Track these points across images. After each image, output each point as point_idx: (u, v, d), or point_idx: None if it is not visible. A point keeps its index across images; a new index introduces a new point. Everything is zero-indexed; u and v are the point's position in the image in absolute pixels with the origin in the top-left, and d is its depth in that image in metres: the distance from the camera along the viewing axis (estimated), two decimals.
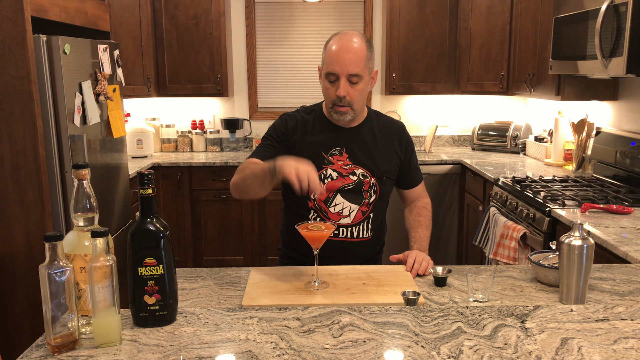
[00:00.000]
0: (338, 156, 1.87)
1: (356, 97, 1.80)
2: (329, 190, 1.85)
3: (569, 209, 2.52)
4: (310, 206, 1.87)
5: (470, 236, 3.75)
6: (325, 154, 1.87)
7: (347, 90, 1.77)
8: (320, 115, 1.93)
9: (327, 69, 1.78)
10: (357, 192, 1.87)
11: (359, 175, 1.87)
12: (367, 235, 1.91)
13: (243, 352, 1.08)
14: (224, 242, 4.30)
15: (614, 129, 3.23)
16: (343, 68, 1.74)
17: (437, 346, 1.09)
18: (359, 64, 1.75)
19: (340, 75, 1.75)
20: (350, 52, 1.74)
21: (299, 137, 1.89)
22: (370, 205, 1.89)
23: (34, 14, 2.40)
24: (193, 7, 4.28)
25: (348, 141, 1.89)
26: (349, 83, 1.77)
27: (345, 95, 1.77)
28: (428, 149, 4.52)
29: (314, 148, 1.87)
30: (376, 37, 4.66)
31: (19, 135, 2.40)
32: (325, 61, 1.80)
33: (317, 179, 1.56)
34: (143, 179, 1.19)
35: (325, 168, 1.86)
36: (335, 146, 1.88)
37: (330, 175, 1.86)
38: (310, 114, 1.94)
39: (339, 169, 1.86)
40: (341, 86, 1.76)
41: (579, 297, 1.42)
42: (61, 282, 1.08)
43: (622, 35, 2.47)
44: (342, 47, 1.75)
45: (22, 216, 2.45)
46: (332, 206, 1.86)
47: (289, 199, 1.96)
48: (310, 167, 1.57)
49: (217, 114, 4.75)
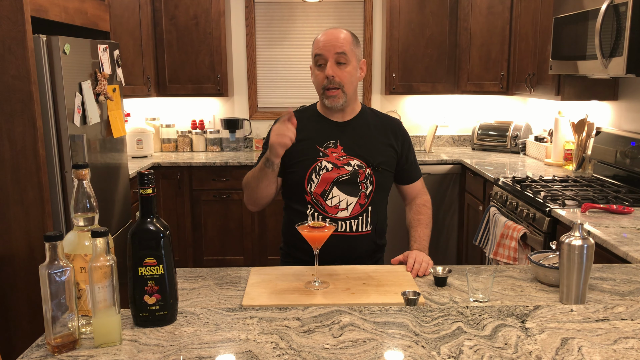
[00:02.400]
0: (333, 148, 1.91)
1: (345, 79, 1.85)
2: (325, 182, 1.87)
3: (569, 209, 2.52)
4: (308, 200, 1.89)
5: (470, 236, 3.75)
6: (320, 147, 1.91)
7: (335, 71, 1.84)
8: (314, 112, 1.99)
9: (315, 52, 1.87)
10: (352, 183, 1.89)
11: (354, 166, 1.89)
12: (367, 229, 1.92)
13: (243, 352, 1.08)
14: (224, 242, 4.30)
15: (614, 129, 3.23)
16: (329, 49, 1.84)
17: (437, 346, 1.09)
18: (345, 44, 1.84)
19: (328, 56, 1.84)
20: (336, 35, 1.86)
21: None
22: (367, 198, 1.90)
23: (34, 14, 2.40)
24: (193, 7, 4.28)
25: (342, 134, 1.93)
26: (336, 64, 1.84)
27: (334, 76, 1.83)
28: (428, 149, 4.52)
29: (309, 142, 1.91)
30: (376, 37, 4.66)
31: (19, 135, 2.40)
32: (313, 49, 1.89)
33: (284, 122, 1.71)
34: (143, 179, 1.19)
35: (320, 160, 1.89)
36: (330, 139, 1.92)
37: (325, 166, 1.89)
38: (304, 112, 2.00)
39: (334, 161, 1.89)
40: (329, 66, 1.83)
41: (579, 297, 1.42)
42: (61, 282, 1.08)
43: (622, 35, 2.47)
44: (328, 33, 1.87)
45: (22, 216, 2.45)
46: (329, 199, 1.88)
47: (287, 196, 1.99)
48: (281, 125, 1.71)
49: (217, 114, 4.74)
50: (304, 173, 1.89)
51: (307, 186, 1.89)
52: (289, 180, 1.94)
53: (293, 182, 1.92)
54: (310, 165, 1.89)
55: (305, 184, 1.89)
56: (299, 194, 1.90)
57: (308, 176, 1.88)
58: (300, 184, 1.89)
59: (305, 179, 1.89)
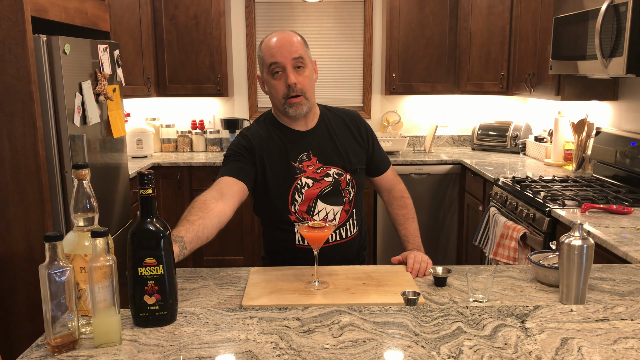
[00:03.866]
0: (307, 162, 1.82)
1: (307, 85, 1.77)
2: (308, 199, 1.81)
3: (569, 209, 2.52)
4: (293, 220, 1.82)
5: (470, 236, 3.75)
6: (295, 163, 1.81)
7: (296, 78, 1.74)
8: (275, 124, 1.87)
9: (270, 60, 1.75)
10: (335, 192, 1.84)
11: (333, 175, 1.84)
12: (354, 232, 1.90)
13: (243, 352, 1.08)
14: (223, 242, 4.29)
15: (614, 129, 3.23)
16: (286, 55, 1.73)
17: (437, 346, 1.09)
18: (299, 47, 1.76)
19: (286, 63, 1.74)
20: (288, 39, 1.76)
21: (264, 154, 1.82)
22: (351, 202, 1.88)
23: (34, 14, 2.40)
24: (193, 7, 4.28)
25: (311, 143, 1.84)
26: (295, 70, 1.75)
27: (296, 83, 1.74)
28: (428, 149, 4.52)
29: (281, 160, 1.81)
30: (376, 37, 4.66)
31: (19, 135, 2.40)
32: (266, 58, 1.77)
33: None
34: (143, 179, 1.19)
35: (299, 177, 1.81)
36: (302, 152, 1.83)
37: (305, 184, 1.81)
38: (264, 127, 1.87)
39: (312, 175, 1.82)
40: (289, 74, 1.74)
41: (579, 297, 1.42)
42: (61, 282, 1.08)
43: (622, 35, 2.47)
44: (280, 38, 1.76)
45: (22, 216, 2.45)
46: (316, 214, 1.83)
47: (266, 216, 1.91)
48: None
49: (217, 114, 4.74)
50: (286, 196, 1.81)
51: (291, 206, 1.82)
52: (268, 204, 1.85)
53: (274, 204, 1.83)
54: (291, 186, 1.80)
55: (289, 205, 1.81)
56: (281, 215, 1.83)
57: (291, 197, 1.81)
58: (283, 206, 1.81)
59: (288, 201, 1.81)
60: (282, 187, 1.81)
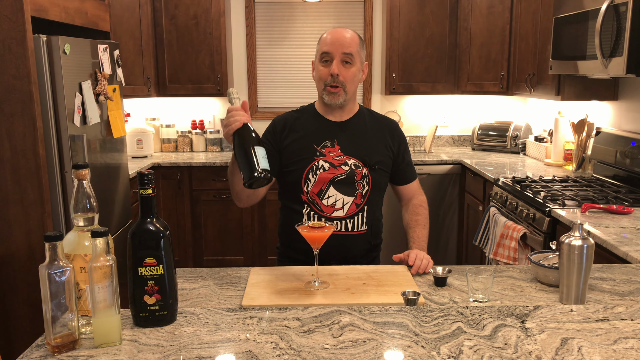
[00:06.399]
0: (330, 148, 1.91)
1: (349, 79, 1.87)
2: (321, 182, 1.87)
3: (569, 209, 2.52)
4: (304, 200, 1.89)
5: (470, 236, 3.75)
6: (317, 146, 1.91)
7: (340, 70, 1.85)
8: (311, 112, 1.99)
9: (322, 49, 1.87)
10: (349, 182, 1.89)
11: (350, 166, 1.90)
12: (363, 228, 1.92)
13: (243, 352, 1.08)
14: (224, 242, 4.30)
15: (614, 129, 3.23)
16: (337, 47, 1.85)
17: (437, 346, 1.09)
18: (353, 45, 1.86)
19: (335, 55, 1.85)
20: (344, 35, 1.88)
21: (289, 135, 1.93)
22: (364, 198, 1.91)
23: (34, 14, 2.40)
24: (193, 7, 4.28)
25: (339, 133, 1.93)
26: (342, 63, 1.85)
27: (338, 74, 1.85)
28: (428, 149, 4.52)
29: (305, 141, 1.91)
30: (376, 37, 4.66)
31: (19, 135, 2.40)
32: (321, 47, 1.89)
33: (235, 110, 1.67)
34: (143, 179, 1.19)
35: (317, 160, 1.89)
36: (327, 138, 1.92)
37: (322, 166, 1.89)
38: (301, 113, 2.00)
39: (331, 160, 1.89)
40: (334, 65, 1.85)
41: (579, 297, 1.42)
42: (61, 282, 1.08)
43: (622, 35, 2.47)
44: (337, 32, 1.89)
45: (22, 216, 2.45)
46: (325, 198, 1.88)
47: (283, 196, 2.00)
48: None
49: (217, 114, 4.74)
50: (301, 172, 1.89)
51: (304, 186, 1.89)
52: (285, 180, 1.94)
53: (289, 182, 1.92)
54: (307, 165, 1.89)
55: (302, 183, 1.89)
56: (295, 193, 1.90)
57: (305, 176, 1.89)
58: (297, 183, 1.89)
59: (302, 178, 1.89)
60: (298, 165, 1.89)
